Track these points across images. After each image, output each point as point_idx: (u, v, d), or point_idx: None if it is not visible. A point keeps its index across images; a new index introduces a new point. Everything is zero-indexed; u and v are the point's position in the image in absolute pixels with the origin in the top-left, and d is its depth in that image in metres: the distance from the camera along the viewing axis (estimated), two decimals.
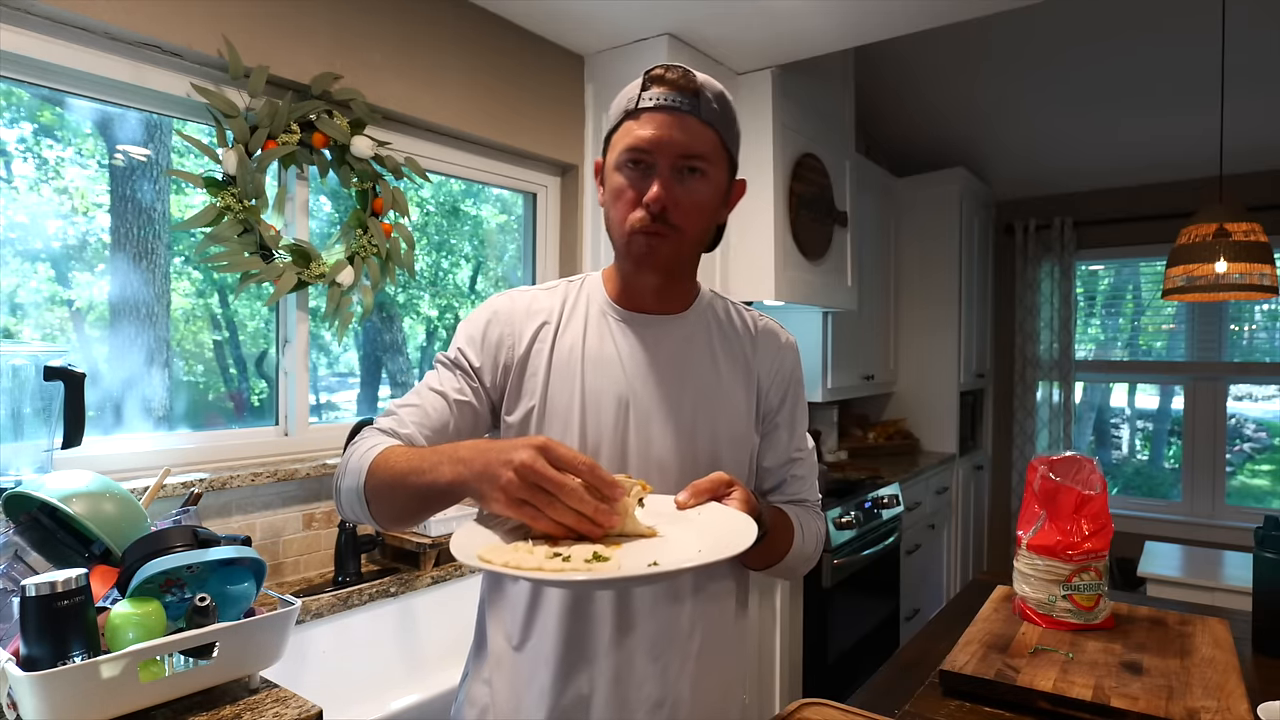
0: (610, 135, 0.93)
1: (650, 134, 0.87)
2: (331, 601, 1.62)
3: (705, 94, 0.89)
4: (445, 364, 0.97)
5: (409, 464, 0.81)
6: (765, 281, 2.56)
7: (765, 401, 1.03)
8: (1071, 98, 3.51)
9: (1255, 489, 4.11)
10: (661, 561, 0.69)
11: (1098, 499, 1.35)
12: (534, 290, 1.01)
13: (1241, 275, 2.25)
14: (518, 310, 0.98)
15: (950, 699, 1.13)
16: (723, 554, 0.70)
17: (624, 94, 0.93)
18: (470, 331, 0.97)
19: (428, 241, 2.34)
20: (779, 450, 1.05)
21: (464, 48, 2.09)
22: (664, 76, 0.89)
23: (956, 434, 3.97)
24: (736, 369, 1.00)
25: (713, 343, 1.00)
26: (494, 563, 0.69)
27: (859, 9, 2.13)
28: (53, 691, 0.90)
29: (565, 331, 0.97)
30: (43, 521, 1.16)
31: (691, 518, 0.81)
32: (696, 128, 0.88)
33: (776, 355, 1.04)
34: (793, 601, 2.49)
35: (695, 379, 0.97)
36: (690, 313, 1.01)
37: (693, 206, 0.90)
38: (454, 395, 0.93)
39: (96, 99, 1.52)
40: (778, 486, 1.07)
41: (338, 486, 0.90)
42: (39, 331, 1.51)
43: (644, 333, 0.97)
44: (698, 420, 0.95)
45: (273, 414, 1.84)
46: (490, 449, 0.74)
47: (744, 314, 1.06)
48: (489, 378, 0.96)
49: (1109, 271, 4.37)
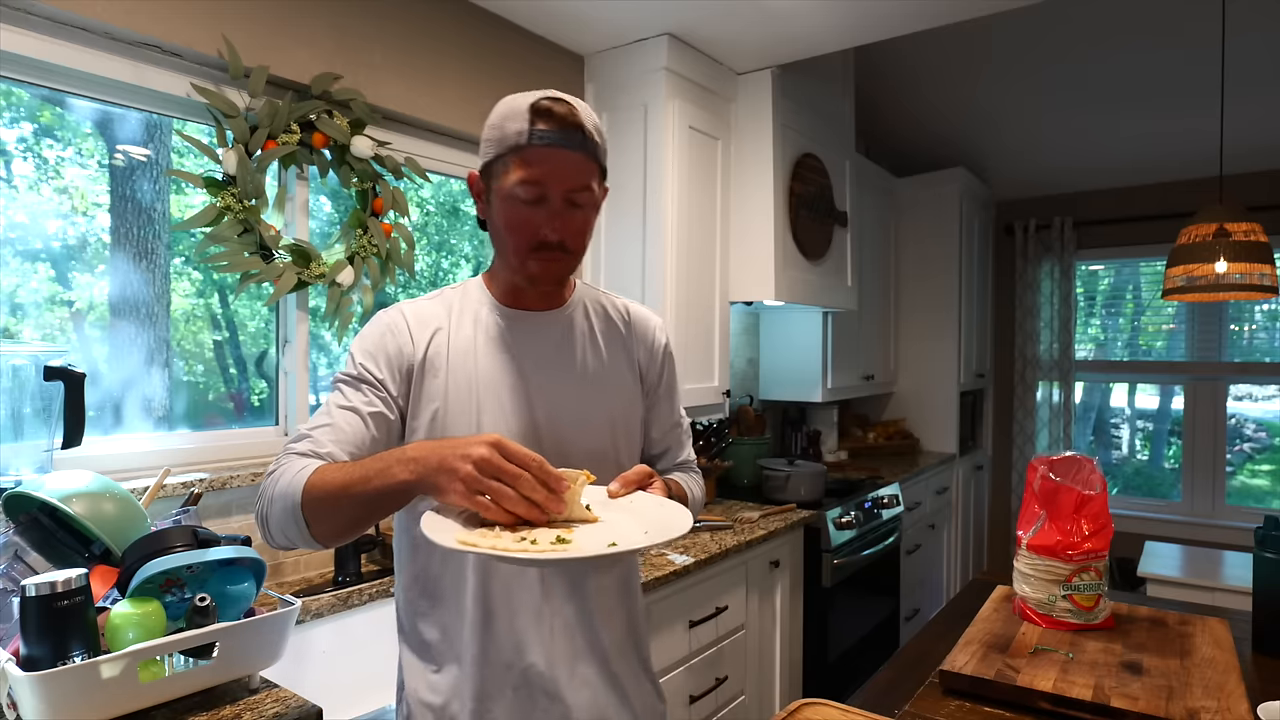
0: (495, 160, 0.98)
1: (543, 171, 0.94)
2: (331, 601, 1.62)
3: (587, 128, 0.97)
4: (348, 381, 1.00)
5: (349, 476, 0.84)
6: (765, 281, 2.56)
7: (646, 379, 1.14)
8: (1072, 98, 3.51)
9: (1255, 489, 4.11)
10: (618, 543, 0.77)
11: (1098, 499, 1.35)
12: (420, 301, 1.08)
13: (1241, 275, 2.25)
14: (409, 320, 1.03)
15: (950, 699, 1.13)
16: (669, 535, 0.81)
17: (508, 119, 0.97)
18: (367, 346, 1.01)
19: (428, 241, 2.34)
20: (662, 420, 1.18)
21: (464, 48, 2.09)
22: (551, 111, 0.95)
23: (956, 434, 3.97)
24: (616, 351, 1.11)
25: (593, 330, 1.11)
26: (480, 546, 0.74)
27: (859, 9, 2.13)
28: (53, 691, 0.90)
29: (457, 334, 1.03)
30: (43, 521, 1.16)
31: (625, 504, 0.91)
32: (582, 163, 0.97)
33: (649, 334, 1.16)
34: (793, 601, 2.49)
35: (583, 364, 1.07)
36: (568, 305, 1.11)
37: (581, 231, 1.01)
38: (365, 409, 0.97)
39: (96, 99, 1.52)
40: (665, 452, 1.20)
41: (264, 515, 0.90)
42: (39, 331, 1.51)
43: (532, 328, 1.06)
44: (592, 401, 1.06)
45: (273, 414, 1.84)
46: (444, 447, 0.80)
47: (614, 302, 1.17)
48: (394, 387, 1.00)
49: (1109, 271, 4.37)
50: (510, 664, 1.00)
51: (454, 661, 1.01)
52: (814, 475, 2.72)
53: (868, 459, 3.67)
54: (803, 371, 3.27)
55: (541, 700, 1.01)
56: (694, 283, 2.40)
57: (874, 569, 2.92)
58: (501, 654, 1.00)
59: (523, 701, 1.01)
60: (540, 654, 1.01)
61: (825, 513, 2.57)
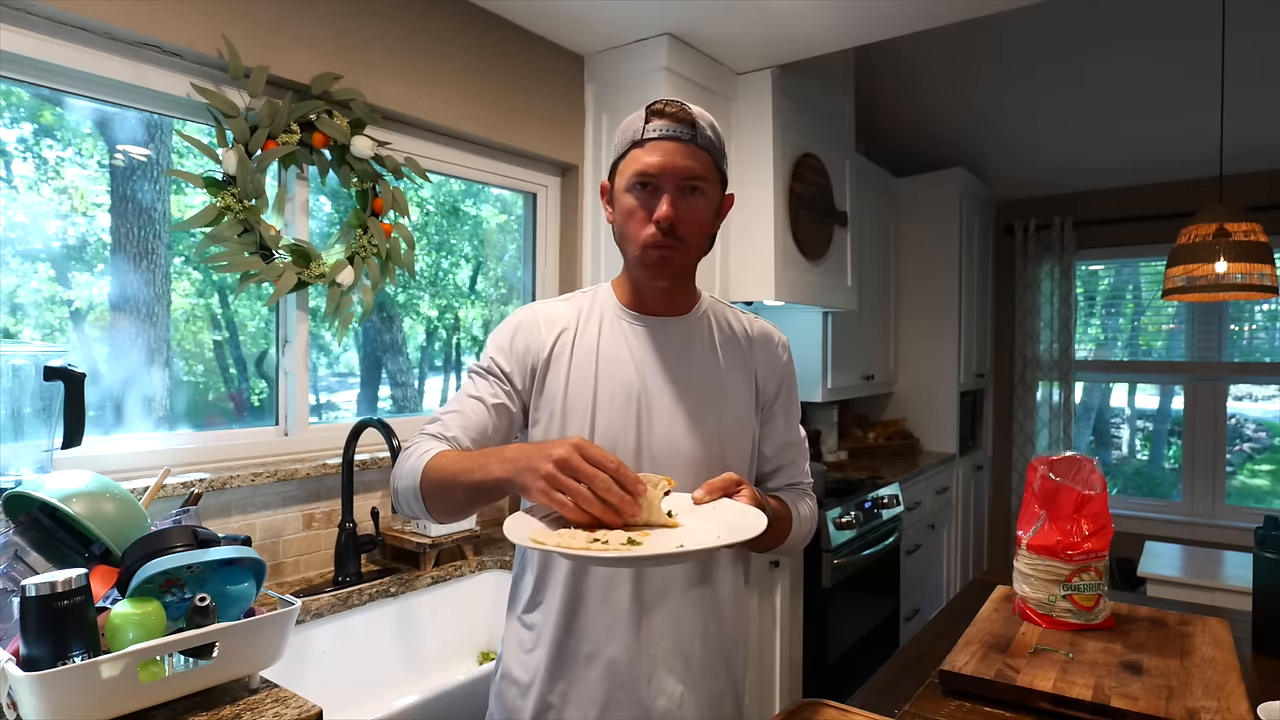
0: (617, 163, 1.07)
1: (657, 160, 1.01)
2: (331, 601, 1.62)
3: (700, 124, 1.03)
4: (479, 373, 1.10)
5: (459, 465, 0.93)
6: (765, 281, 2.56)
7: (763, 392, 1.16)
8: (1072, 98, 3.51)
9: (1255, 489, 4.11)
10: (686, 545, 0.79)
11: (1098, 499, 1.35)
12: (554, 301, 1.15)
13: (1241, 275, 2.25)
14: (540, 320, 1.11)
15: (950, 699, 1.14)
16: (737, 538, 0.81)
17: (627, 125, 1.06)
18: (500, 341, 1.10)
19: (428, 241, 2.34)
20: (777, 436, 1.18)
21: (464, 48, 2.09)
22: (664, 110, 1.02)
23: (956, 434, 3.97)
24: (736, 363, 1.13)
25: (714, 340, 1.14)
26: (546, 543, 0.78)
27: (859, 9, 2.13)
28: (53, 691, 0.90)
29: (582, 336, 1.09)
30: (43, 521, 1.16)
31: (708, 511, 0.92)
32: (695, 153, 1.02)
33: (771, 351, 1.18)
34: (793, 601, 2.49)
35: (700, 372, 1.10)
36: (693, 314, 1.14)
37: (695, 220, 1.04)
38: (490, 400, 1.06)
39: (96, 99, 1.52)
40: (777, 470, 1.20)
41: (395, 488, 1.02)
42: (39, 331, 1.51)
43: (653, 332, 1.11)
44: (704, 409, 1.08)
45: (273, 414, 1.84)
46: (533, 449, 0.85)
47: (740, 316, 1.20)
48: (519, 381, 1.08)
49: (1109, 271, 4.37)
50: (591, 656, 1.04)
51: (542, 646, 1.07)
52: (814, 475, 2.71)
53: (868, 459, 3.67)
54: (803, 371, 3.27)
55: (618, 696, 1.04)
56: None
57: (874, 569, 2.92)
58: (582, 645, 1.05)
59: (600, 695, 1.04)
60: (622, 654, 1.04)
61: (825, 513, 2.57)
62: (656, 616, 1.05)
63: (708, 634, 1.08)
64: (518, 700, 1.08)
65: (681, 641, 1.06)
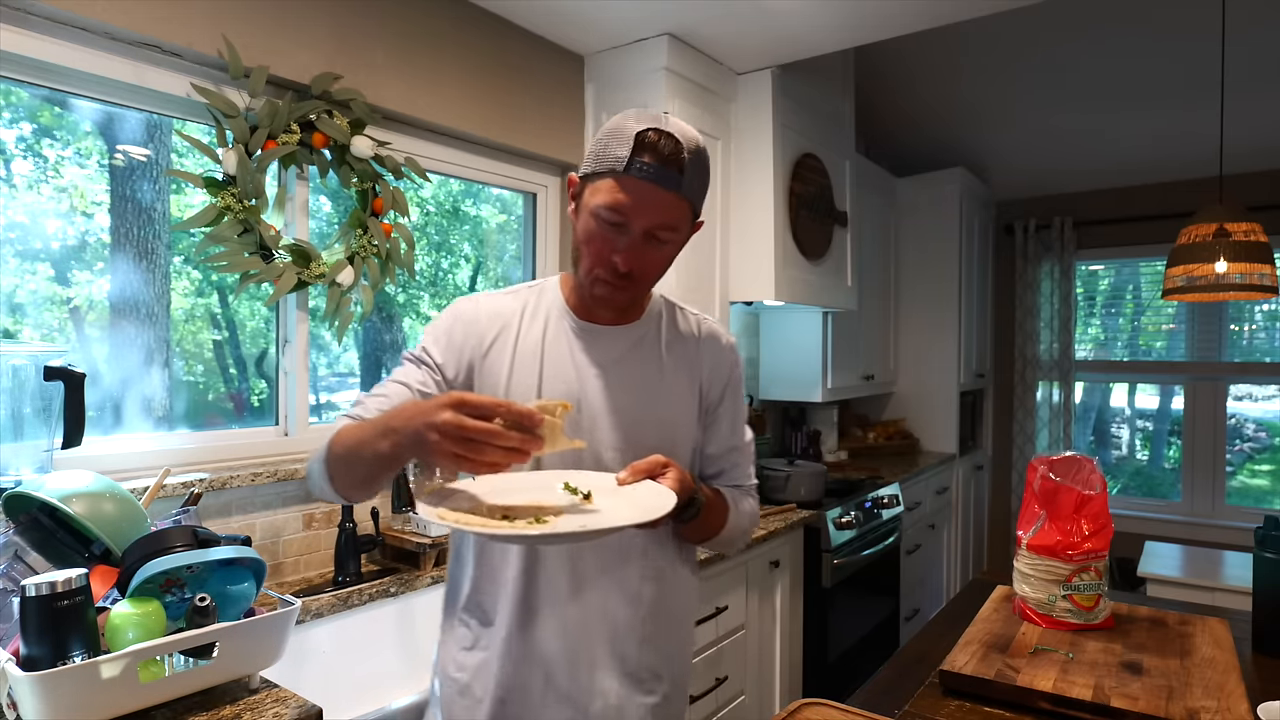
0: (592, 175, 0.99)
1: (630, 203, 0.95)
2: (331, 601, 1.62)
3: (689, 171, 0.96)
4: (410, 360, 1.06)
5: (355, 438, 0.89)
6: (765, 281, 2.56)
7: (707, 396, 1.13)
8: (1072, 98, 3.51)
9: (1255, 489, 4.11)
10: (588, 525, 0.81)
11: (1098, 499, 1.35)
12: (497, 295, 1.11)
13: (1241, 275, 2.25)
14: (481, 314, 1.07)
15: (950, 699, 1.13)
16: (637, 519, 0.81)
17: (613, 136, 0.97)
18: (435, 332, 1.07)
19: (428, 241, 2.34)
20: (720, 439, 1.16)
21: (464, 48, 2.09)
22: (656, 145, 0.94)
23: (956, 434, 3.97)
24: (681, 366, 1.11)
25: (660, 346, 1.11)
26: (446, 519, 0.78)
27: (859, 9, 2.13)
28: (53, 691, 0.90)
29: (527, 334, 1.07)
30: (43, 521, 1.16)
31: (626, 493, 0.92)
32: (674, 204, 0.97)
33: (718, 353, 1.15)
34: (793, 601, 2.49)
35: (641, 379, 1.08)
36: (640, 321, 1.11)
37: (655, 266, 1.02)
38: (417, 386, 1.02)
39: (97, 99, 1.52)
40: (720, 473, 1.18)
41: (309, 469, 0.99)
42: (39, 331, 1.51)
43: (597, 341, 1.08)
44: (642, 415, 1.06)
45: (273, 414, 1.84)
46: (414, 415, 0.81)
47: (690, 317, 1.17)
48: (450, 372, 1.05)
49: (1109, 271, 4.37)
50: (526, 656, 1.03)
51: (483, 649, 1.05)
52: (814, 475, 2.72)
53: (868, 459, 3.67)
54: (803, 371, 3.27)
55: (555, 695, 1.03)
56: (694, 283, 2.40)
57: (874, 569, 2.92)
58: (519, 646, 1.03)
59: (537, 694, 1.02)
60: (561, 652, 1.02)
61: (825, 513, 2.57)
62: (593, 616, 1.03)
63: (646, 633, 1.06)
64: (456, 699, 1.06)
65: (620, 642, 1.04)
